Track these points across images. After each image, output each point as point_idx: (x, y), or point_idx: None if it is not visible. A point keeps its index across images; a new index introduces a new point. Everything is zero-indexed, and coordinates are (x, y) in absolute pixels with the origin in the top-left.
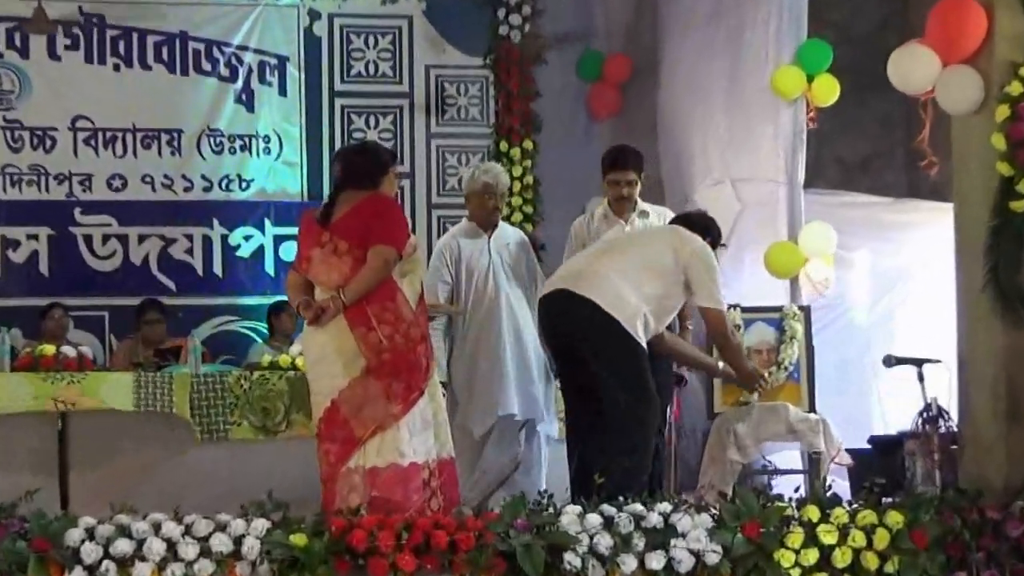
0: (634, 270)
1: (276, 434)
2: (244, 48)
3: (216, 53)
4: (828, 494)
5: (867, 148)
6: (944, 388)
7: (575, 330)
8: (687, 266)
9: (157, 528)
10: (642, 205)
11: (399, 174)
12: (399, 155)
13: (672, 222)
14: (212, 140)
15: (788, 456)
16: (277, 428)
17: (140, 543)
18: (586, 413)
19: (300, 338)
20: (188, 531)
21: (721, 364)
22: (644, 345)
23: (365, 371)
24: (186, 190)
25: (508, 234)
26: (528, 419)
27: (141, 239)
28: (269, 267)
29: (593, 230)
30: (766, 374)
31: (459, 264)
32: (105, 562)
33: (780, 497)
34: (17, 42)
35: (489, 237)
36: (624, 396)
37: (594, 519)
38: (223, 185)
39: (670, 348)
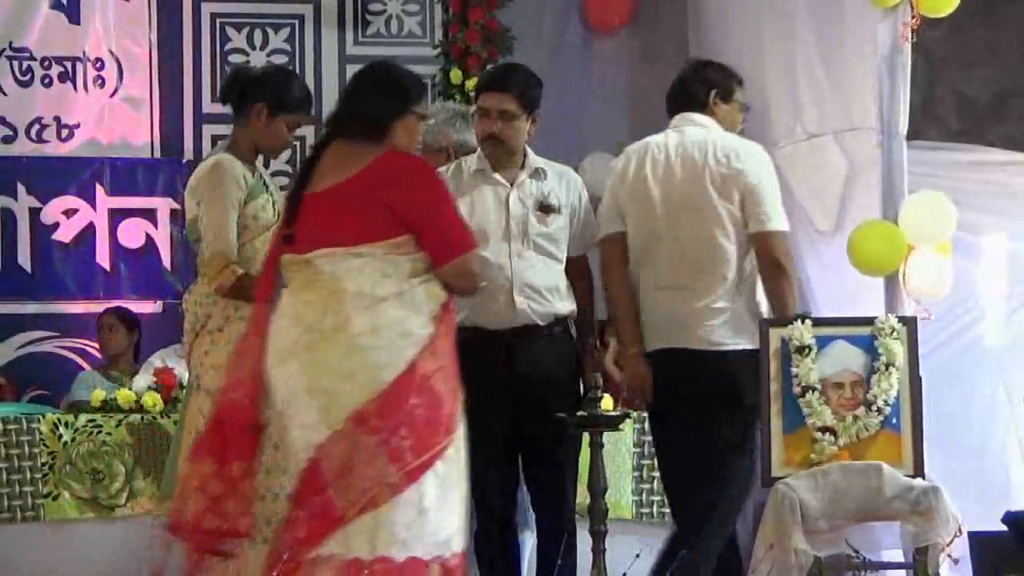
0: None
1: (113, 510)
2: None
3: None
4: None
5: (1003, 81)
6: None
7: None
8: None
9: None
10: (535, 159)
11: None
12: None
13: (673, 103)
14: (16, 65)
15: (885, 542)
16: (114, 502)
17: None
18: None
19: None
20: None
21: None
22: None
23: (354, 419)
24: None
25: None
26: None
27: None
28: (103, 257)
29: (464, 187)
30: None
31: None
32: None
33: None
34: None
35: None
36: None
37: None
38: (33, 133)
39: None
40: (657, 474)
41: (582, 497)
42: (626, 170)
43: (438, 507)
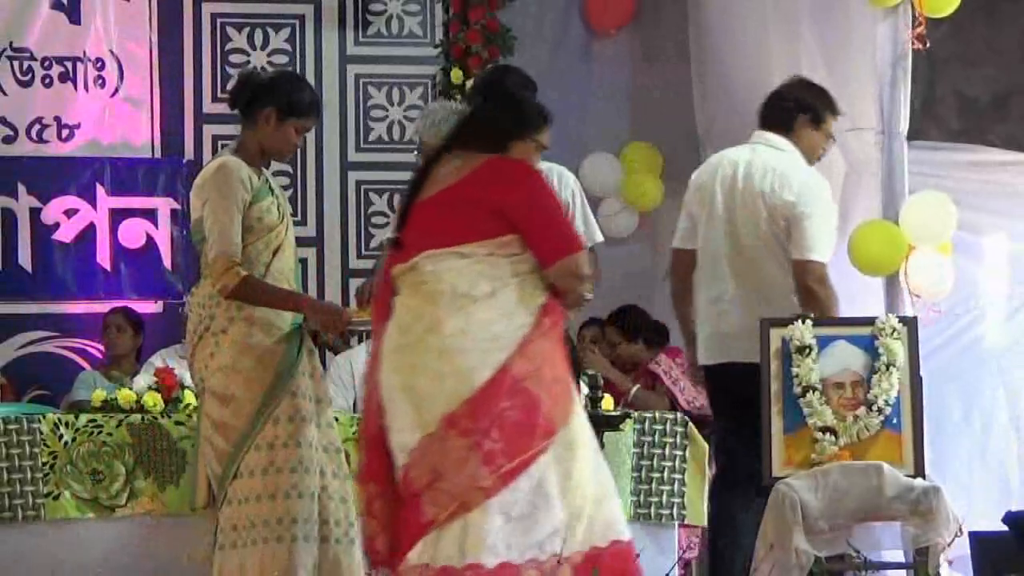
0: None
1: (113, 511)
2: None
3: None
4: None
5: (1003, 81)
6: None
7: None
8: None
9: None
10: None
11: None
12: None
13: (762, 115)
14: (16, 65)
15: (885, 542)
16: (115, 502)
17: None
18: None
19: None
20: None
21: None
22: None
23: (446, 422)
24: None
25: None
26: None
27: None
28: (103, 257)
29: None
30: (852, 417)
31: None
32: None
33: None
34: None
35: None
36: None
37: None
38: (33, 133)
39: None
40: (657, 475)
41: None
42: (700, 182)
43: (532, 511)
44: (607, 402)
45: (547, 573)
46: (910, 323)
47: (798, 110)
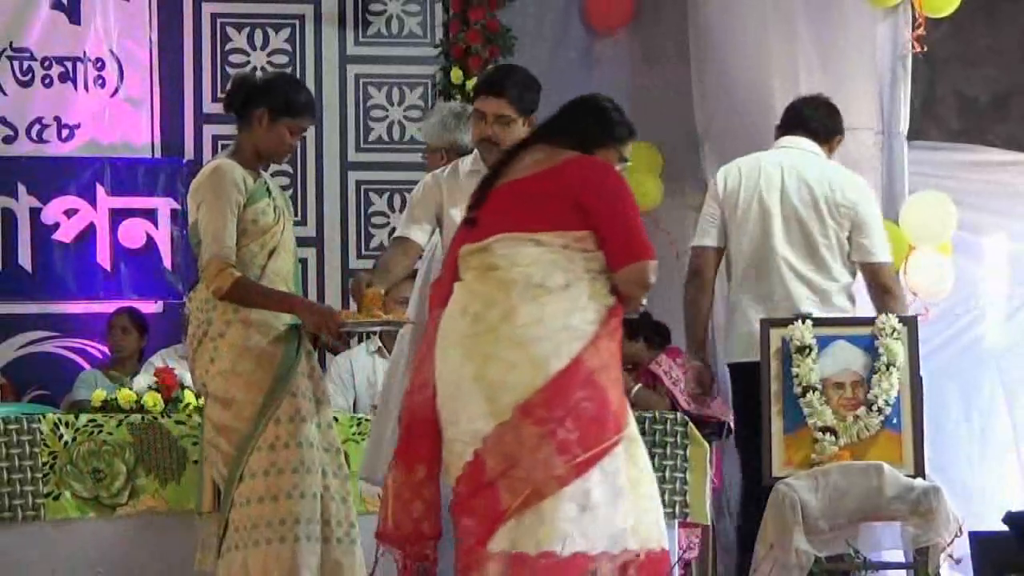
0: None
1: (115, 509)
2: None
3: None
4: None
5: (1003, 81)
6: None
7: None
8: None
9: None
10: None
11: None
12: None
13: (793, 122)
14: (16, 65)
15: (885, 542)
16: (115, 501)
17: None
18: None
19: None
20: None
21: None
22: None
23: (521, 410)
24: None
25: None
26: None
27: None
28: (103, 257)
29: (460, 188)
30: (851, 416)
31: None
32: None
33: None
34: None
35: None
36: None
37: None
38: (33, 133)
39: None
40: (657, 474)
41: None
42: (736, 184)
43: (605, 503)
44: None
45: (618, 568)
46: (910, 323)
47: (836, 131)
